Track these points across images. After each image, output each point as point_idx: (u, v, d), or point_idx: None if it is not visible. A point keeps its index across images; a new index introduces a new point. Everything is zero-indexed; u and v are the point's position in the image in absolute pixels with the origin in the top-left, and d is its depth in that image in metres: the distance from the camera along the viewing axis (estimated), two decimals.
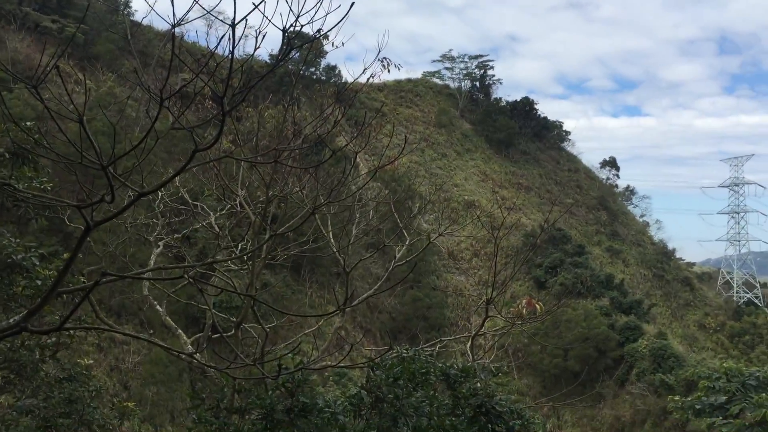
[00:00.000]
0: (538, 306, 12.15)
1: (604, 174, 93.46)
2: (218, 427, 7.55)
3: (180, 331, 14.13)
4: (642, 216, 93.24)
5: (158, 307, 14.45)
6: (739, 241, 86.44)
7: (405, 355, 8.37)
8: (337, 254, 13.78)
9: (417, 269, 62.08)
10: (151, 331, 28.12)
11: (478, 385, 8.21)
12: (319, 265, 52.83)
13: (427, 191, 67.97)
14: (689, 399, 9.79)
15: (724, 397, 9.16)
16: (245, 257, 13.22)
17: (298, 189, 11.92)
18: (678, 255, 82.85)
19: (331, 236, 14.14)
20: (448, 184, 77.34)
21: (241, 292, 11.16)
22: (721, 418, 9.04)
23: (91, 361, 18.96)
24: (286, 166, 8.75)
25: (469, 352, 12.95)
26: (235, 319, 12.82)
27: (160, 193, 15.42)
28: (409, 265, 15.55)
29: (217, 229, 14.06)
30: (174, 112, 4.71)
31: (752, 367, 15.62)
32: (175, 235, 16.25)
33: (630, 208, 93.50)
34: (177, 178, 15.67)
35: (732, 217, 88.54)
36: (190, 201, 15.21)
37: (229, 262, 15.48)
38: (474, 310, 57.18)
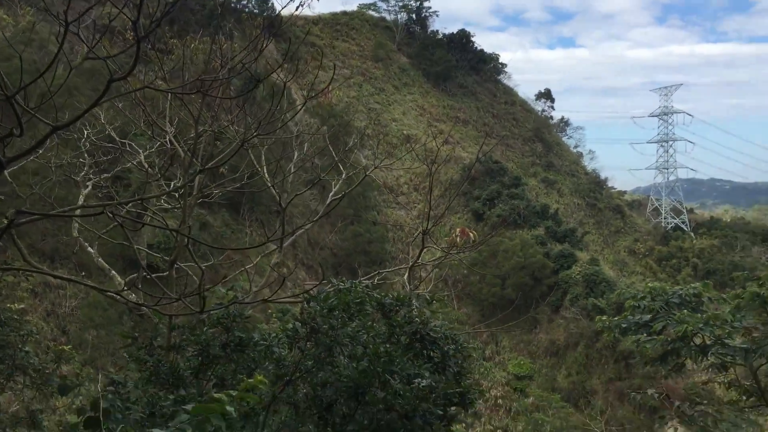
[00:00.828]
0: (472, 234, 12.38)
1: (539, 106, 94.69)
2: (153, 364, 7.51)
3: (114, 272, 13.85)
4: (576, 147, 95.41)
5: (90, 248, 14.08)
6: (667, 168, 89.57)
7: (341, 287, 8.43)
8: (272, 189, 13.66)
9: (357, 205, 62.30)
10: (83, 273, 27.53)
11: (414, 313, 8.36)
12: (258, 203, 52.40)
13: (364, 126, 67.60)
14: (616, 319, 10.21)
15: (649, 316, 9.60)
16: (177, 195, 12.95)
17: (227, 124, 11.65)
18: (610, 184, 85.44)
19: (265, 171, 13.96)
20: (386, 118, 77.06)
21: (172, 228, 10.94)
22: (645, 335, 9.48)
23: (23, 305, 18.50)
24: (213, 98, 8.49)
25: (406, 282, 13.17)
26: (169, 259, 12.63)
27: (85, 132, 14.83)
28: (348, 199, 15.56)
29: (147, 167, 13.68)
30: (89, 43, 4.47)
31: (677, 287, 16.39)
32: (104, 175, 15.72)
33: (564, 139, 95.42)
34: (102, 115, 15.07)
35: (661, 145, 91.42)
36: (118, 139, 14.68)
37: (162, 201, 15.15)
38: (411, 242, 58.06)
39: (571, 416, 46.75)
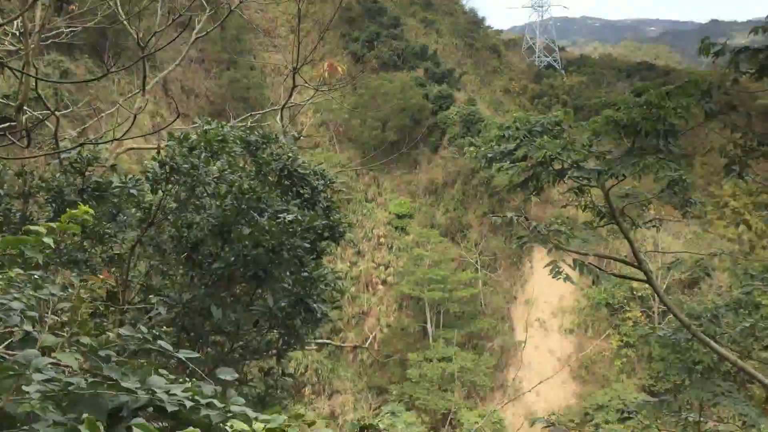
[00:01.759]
0: (339, 68, 12.05)
1: None
2: (2, 213, 7.02)
3: None
4: None
5: None
6: (541, 6, 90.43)
7: (206, 127, 8.04)
8: (127, 26, 12.54)
9: (231, 49, 59.31)
10: None
11: (281, 150, 8.18)
12: (125, 48, 48.63)
13: None
14: (482, 149, 10.46)
15: (513, 144, 9.88)
16: (18, 33, 11.64)
17: None
18: (487, 23, 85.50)
19: (118, 5, 12.71)
20: None
21: (15, 69, 9.89)
22: (509, 162, 9.80)
23: None
24: None
25: (278, 122, 12.84)
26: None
27: None
28: (222, 43, 14.56)
29: None
30: None
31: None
32: None
33: None
34: None
35: None
36: None
37: (6, 42, 13.64)
38: (282, 82, 56.73)
39: (449, 249, 49.63)
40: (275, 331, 6.83)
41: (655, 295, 39.68)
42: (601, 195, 9.70)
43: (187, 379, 2.69)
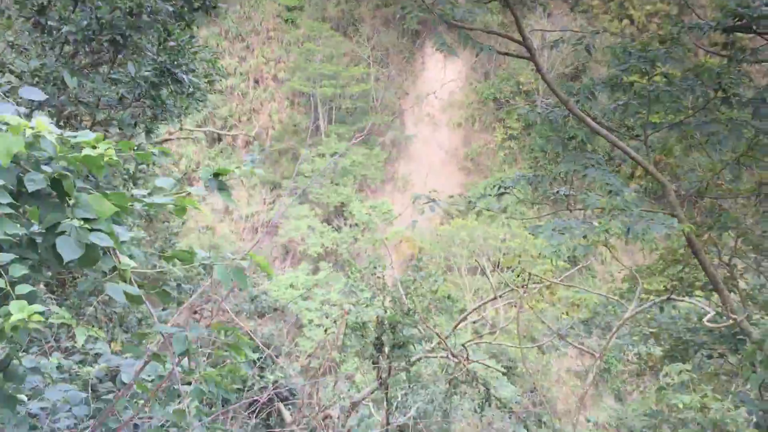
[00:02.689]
0: None
1: None
2: None
3: None
4: None
5: None
6: None
7: None
8: None
9: None
10: None
11: None
12: None
13: None
14: None
15: None
16: None
17: None
18: None
19: None
20: None
21: None
22: None
23: None
24: None
25: None
26: None
27: None
28: None
29: None
30: None
31: None
32: None
33: None
34: None
35: None
36: None
37: None
38: None
39: (341, 44, 48.21)
40: (142, 102, 6.35)
41: (538, 86, 40.83)
42: None
43: None
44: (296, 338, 30.84)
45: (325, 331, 12.88)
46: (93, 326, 5.14)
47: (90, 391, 2.96)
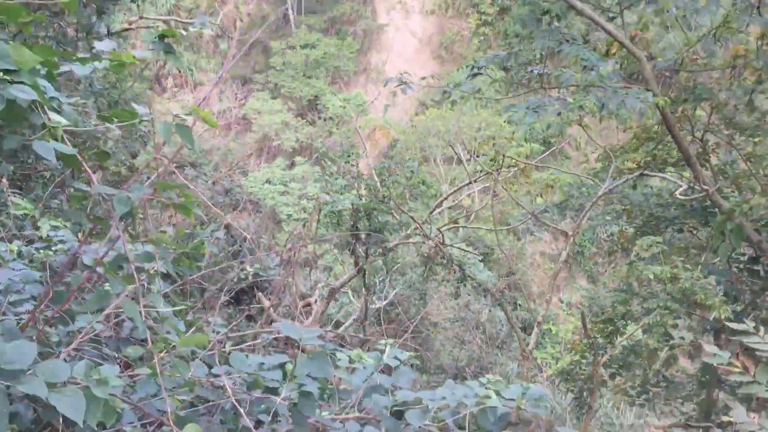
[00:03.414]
0: None
1: None
2: None
3: None
4: None
5: None
6: None
7: None
8: None
9: None
10: None
11: None
12: None
13: None
14: None
15: None
16: None
17: None
18: None
19: None
20: None
21: None
22: None
23: None
24: None
25: None
26: None
27: None
28: None
29: None
30: None
31: None
32: None
33: None
34: None
35: None
36: None
37: None
38: None
39: None
40: None
41: None
42: None
43: None
44: (275, 233, 31.03)
45: (303, 225, 12.90)
46: (58, 219, 5.01)
47: (48, 271, 2.87)
